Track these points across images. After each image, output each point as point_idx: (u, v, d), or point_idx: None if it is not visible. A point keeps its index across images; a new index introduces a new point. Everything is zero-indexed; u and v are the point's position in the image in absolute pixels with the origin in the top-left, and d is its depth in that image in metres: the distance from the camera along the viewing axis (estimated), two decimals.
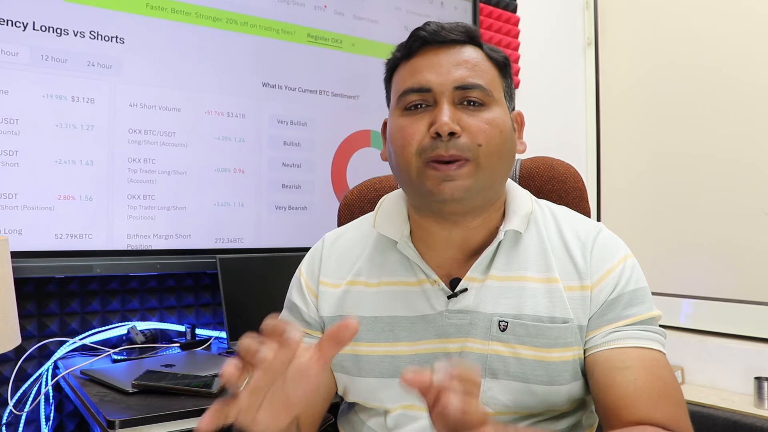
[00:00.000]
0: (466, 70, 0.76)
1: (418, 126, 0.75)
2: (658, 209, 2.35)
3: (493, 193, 0.79)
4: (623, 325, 0.76)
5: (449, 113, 0.74)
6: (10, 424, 1.41)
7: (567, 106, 2.56)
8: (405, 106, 0.77)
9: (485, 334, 0.77)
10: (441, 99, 0.75)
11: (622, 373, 0.73)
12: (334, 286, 0.86)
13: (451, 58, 0.77)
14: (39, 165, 1.43)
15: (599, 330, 0.76)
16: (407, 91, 0.77)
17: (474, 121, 0.74)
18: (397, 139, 0.77)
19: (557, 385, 0.76)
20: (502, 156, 0.77)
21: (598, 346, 0.76)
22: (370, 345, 0.82)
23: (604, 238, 0.81)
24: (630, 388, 0.71)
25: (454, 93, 0.75)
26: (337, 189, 1.89)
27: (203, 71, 1.66)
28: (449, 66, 0.76)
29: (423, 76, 0.76)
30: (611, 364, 0.74)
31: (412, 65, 0.78)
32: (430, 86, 0.75)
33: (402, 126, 0.77)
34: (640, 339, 0.75)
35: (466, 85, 0.75)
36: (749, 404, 1.84)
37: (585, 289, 0.77)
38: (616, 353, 0.74)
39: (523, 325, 0.76)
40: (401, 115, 0.78)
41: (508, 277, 0.79)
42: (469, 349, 0.77)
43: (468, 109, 0.75)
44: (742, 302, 2.07)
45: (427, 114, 0.76)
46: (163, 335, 1.65)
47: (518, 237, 0.81)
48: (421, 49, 0.78)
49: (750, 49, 2.10)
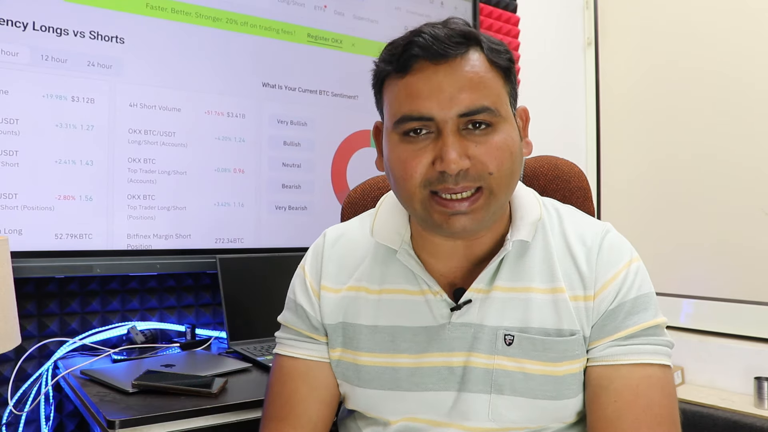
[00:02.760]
0: (470, 92, 0.68)
1: (421, 159, 0.70)
2: (658, 209, 2.35)
3: (503, 209, 0.76)
4: (622, 336, 0.74)
5: (456, 148, 0.68)
6: (10, 424, 1.41)
7: (567, 106, 2.56)
8: (404, 132, 0.71)
9: (490, 348, 0.75)
10: (444, 128, 0.68)
11: (606, 392, 0.72)
12: (335, 291, 0.83)
13: (452, 78, 0.69)
14: (39, 165, 1.43)
15: (598, 342, 0.75)
16: (406, 118, 0.70)
17: (483, 149, 0.69)
18: (398, 170, 0.72)
19: (565, 399, 0.74)
20: (514, 175, 0.72)
21: (595, 360, 0.74)
22: (371, 355, 0.80)
23: (610, 242, 0.78)
24: (608, 410, 0.71)
25: (459, 120, 0.69)
26: (337, 189, 1.89)
27: (203, 71, 1.66)
28: (451, 90, 0.68)
29: (422, 103, 0.69)
30: (600, 382, 0.73)
31: (408, 86, 0.70)
32: (431, 115, 0.69)
33: (402, 157, 0.71)
34: (638, 354, 0.73)
35: (471, 110, 0.68)
36: (749, 404, 1.84)
37: (588, 299, 0.75)
38: (608, 371, 0.73)
39: (530, 338, 0.74)
40: (401, 142, 0.71)
41: (514, 288, 0.76)
42: (473, 363, 0.75)
43: (474, 135, 0.69)
44: (742, 302, 2.06)
45: (429, 143, 0.70)
46: (163, 335, 1.65)
47: (525, 246, 0.78)
48: (416, 64, 0.70)
49: (750, 49, 2.09)
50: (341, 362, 0.82)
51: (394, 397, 0.78)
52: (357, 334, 0.81)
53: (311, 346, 0.84)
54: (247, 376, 1.33)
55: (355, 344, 0.81)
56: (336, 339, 0.83)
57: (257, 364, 1.39)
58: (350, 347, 0.81)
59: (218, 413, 1.13)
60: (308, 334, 0.85)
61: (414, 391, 0.77)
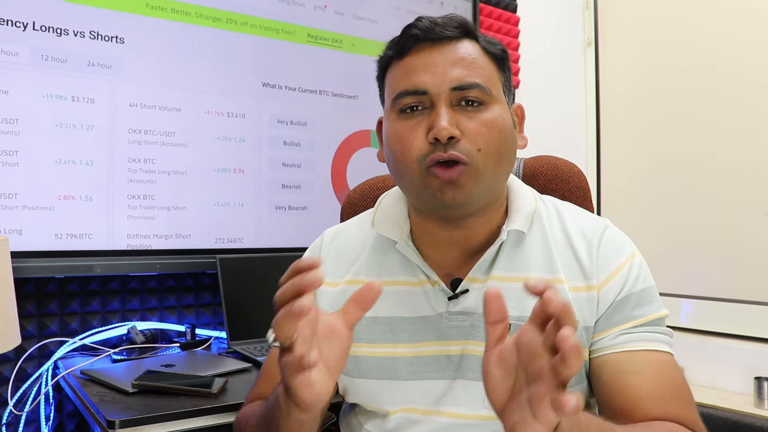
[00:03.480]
0: (462, 69, 0.72)
1: (416, 132, 0.73)
2: (658, 209, 2.35)
3: (495, 193, 0.77)
4: (632, 326, 0.74)
5: (447, 117, 0.71)
6: (10, 424, 1.41)
7: (567, 106, 2.56)
8: (400, 108, 0.75)
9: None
10: (438, 101, 0.72)
11: (634, 376, 0.72)
12: (332, 285, 0.85)
13: (447, 56, 0.73)
14: (39, 165, 1.43)
15: (607, 332, 0.75)
16: (402, 93, 0.74)
17: (473, 123, 0.72)
18: (395, 144, 0.75)
19: None
20: (503, 157, 0.75)
21: (606, 348, 0.75)
22: (370, 346, 0.81)
23: (610, 236, 0.79)
24: (641, 390, 0.71)
25: (452, 94, 0.72)
26: (337, 189, 1.89)
27: (203, 71, 1.66)
28: (445, 66, 0.73)
29: (418, 77, 0.73)
30: (620, 367, 0.73)
31: (405, 65, 0.75)
32: (425, 88, 0.72)
33: (399, 132, 0.74)
34: (649, 341, 0.74)
35: (464, 85, 0.72)
36: (749, 404, 1.84)
37: (591, 290, 0.76)
38: (625, 356, 0.73)
39: None
40: (397, 119, 0.75)
41: (511, 278, 0.77)
42: (470, 351, 0.76)
43: (466, 111, 0.73)
44: (742, 302, 2.06)
45: (424, 118, 0.73)
46: (163, 335, 1.65)
47: (521, 237, 0.79)
48: (415, 46, 0.74)
49: (750, 48, 2.09)
50: None
51: (393, 387, 0.79)
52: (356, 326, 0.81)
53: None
54: (247, 376, 1.33)
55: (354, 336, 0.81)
56: None
57: (257, 364, 1.39)
58: None
59: (218, 413, 1.13)
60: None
61: (412, 380, 0.78)
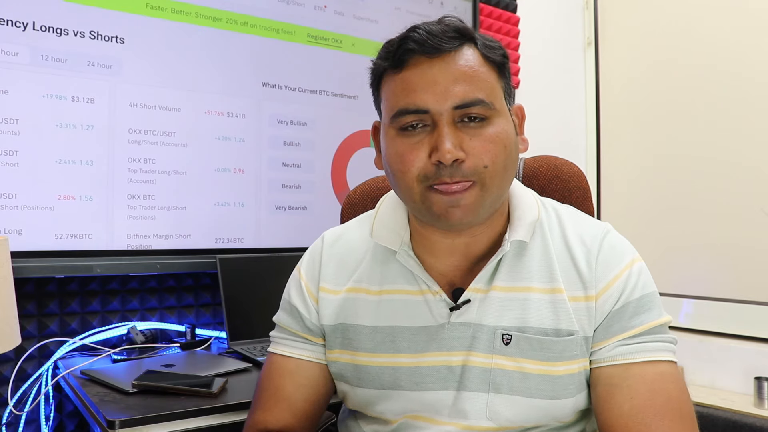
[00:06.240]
0: (464, 85, 0.70)
1: (418, 152, 0.71)
2: (659, 209, 2.34)
3: (499, 203, 0.76)
4: (630, 336, 0.74)
5: (451, 138, 0.69)
6: (10, 424, 1.41)
7: (567, 106, 2.56)
8: (401, 126, 0.73)
9: (488, 347, 0.75)
10: (440, 120, 0.70)
11: (621, 391, 0.72)
12: (334, 293, 0.84)
13: (447, 71, 0.70)
14: (39, 165, 1.43)
15: (605, 342, 0.75)
16: (402, 111, 0.72)
17: (477, 141, 0.70)
18: (395, 163, 0.73)
19: (563, 399, 0.75)
20: (508, 169, 0.73)
21: (603, 360, 0.74)
22: (370, 355, 0.80)
23: (610, 242, 0.78)
24: (625, 407, 0.70)
25: (454, 113, 0.70)
26: (337, 189, 1.89)
27: (203, 71, 1.66)
28: (446, 83, 0.70)
29: (418, 96, 0.70)
30: (612, 381, 0.73)
31: (403, 80, 0.72)
32: (426, 107, 0.70)
33: (400, 151, 0.72)
34: (647, 351, 0.73)
35: (466, 102, 0.70)
36: (749, 404, 1.84)
37: (590, 300, 0.75)
38: (619, 370, 0.73)
39: (528, 338, 0.74)
40: (397, 136, 0.73)
41: (512, 288, 0.77)
42: (471, 362, 0.76)
43: (469, 127, 0.71)
44: (742, 302, 2.06)
45: (426, 136, 0.71)
46: (163, 335, 1.65)
47: (523, 246, 0.78)
48: (412, 59, 0.72)
49: (750, 48, 2.09)
50: (338, 363, 0.83)
51: (394, 397, 0.78)
52: (357, 334, 0.81)
53: (304, 346, 0.85)
54: (247, 376, 1.33)
55: (354, 345, 0.81)
56: (335, 340, 0.83)
57: (257, 364, 1.39)
58: (349, 348, 0.82)
59: (218, 413, 1.13)
60: (302, 335, 0.86)
61: (414, 391, 0.78)
